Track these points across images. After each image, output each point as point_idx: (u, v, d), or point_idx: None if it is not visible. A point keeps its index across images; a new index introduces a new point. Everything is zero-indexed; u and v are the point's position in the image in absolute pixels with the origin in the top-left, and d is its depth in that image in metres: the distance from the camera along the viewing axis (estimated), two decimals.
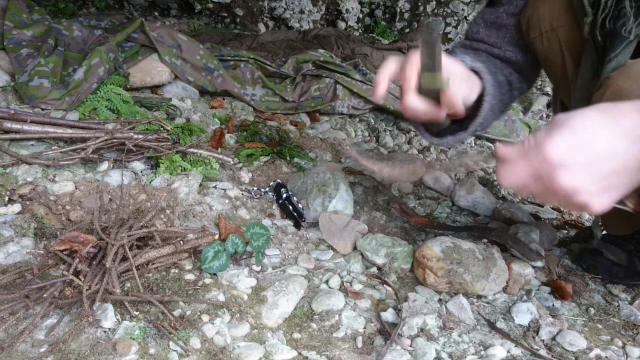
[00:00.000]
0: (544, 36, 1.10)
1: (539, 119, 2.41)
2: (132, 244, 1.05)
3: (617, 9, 0.94)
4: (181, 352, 0.88)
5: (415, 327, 1.02)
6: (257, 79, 2.11)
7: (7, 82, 1.63)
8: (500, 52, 1.16)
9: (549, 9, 1.07)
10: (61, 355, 0.83)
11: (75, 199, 1.22)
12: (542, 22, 1.09)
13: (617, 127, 0.65)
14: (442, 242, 1.17)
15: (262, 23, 3.29)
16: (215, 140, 1.64)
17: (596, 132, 0.65)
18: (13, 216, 1.12)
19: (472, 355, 0.98)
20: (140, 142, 1.38)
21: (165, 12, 3.19)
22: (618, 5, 0.94)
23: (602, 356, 1.01)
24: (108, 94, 1.67)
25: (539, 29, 1.10)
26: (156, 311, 0.96)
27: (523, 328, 1.07)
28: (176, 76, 1.97)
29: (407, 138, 2.08)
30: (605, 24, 0.95)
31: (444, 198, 1.63)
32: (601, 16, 0.96)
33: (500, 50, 1.16)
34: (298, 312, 1.04)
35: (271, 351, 0.91)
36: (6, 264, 1.02)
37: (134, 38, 1.94)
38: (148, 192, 1.29)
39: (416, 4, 3.65)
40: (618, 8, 0.94)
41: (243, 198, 1.41)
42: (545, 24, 1.08)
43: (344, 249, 1.26)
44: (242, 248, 1.14)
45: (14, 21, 1.81)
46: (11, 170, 1.26)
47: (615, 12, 0.94)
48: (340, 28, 3.44)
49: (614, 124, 0.65)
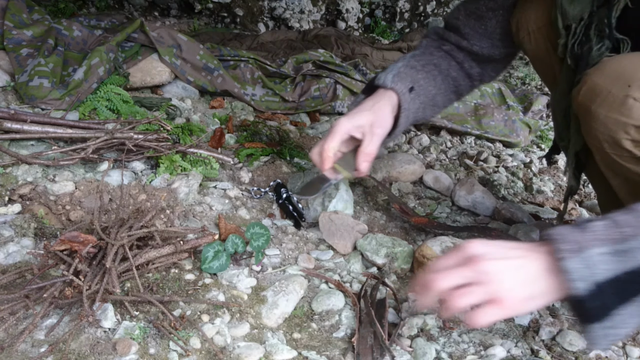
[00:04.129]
0: (532, 36, 1.14)
1: (539, 119, 2.41)
2: (132, 244, 1.05)
3: (585, 35, 1.00)
4: (181, 352, 0.88)
5: (415, 327, 1.02)
6: (257, 79, 2.11)
7: (7, 82, 1.63)
8: (468, 45, 1.26)
9: (535, 10, 1.12)
10: (61, 355, 0.83)
11: (75, 199, 1.22)
12: (529, 22, 1.14)
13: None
14: (442, 242, 1.17)
15: (262, 23, 3.29)
16: (215, 140, 1.64)
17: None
18: (13, 216, 1.13)
19: (472, 355, 0.98)
20: (140, 142, 1.38)
21: (165, 12, 3.19)
22: (587, 31, 0.99)
23: (602, 356, 1.01)
24: (108, 94, 1.67)
25: (526, 29, 1.15)
26: (156, 311, 0.96)
27: (523, 328, 1.07)
28: (176, 76, 1.97)
29: (407, 138, 2.08)
30: (575, 48, 1.01)
31: (444, 198, 1.63)
32: (572, 41, 1.02)
33: (469, 44, 1.26)
34: (298, 312, 1.04)
35: (271, 351, 0.92)
36: (6, 264, 1.02)
37: (134, 38, 1.94)
38: (148, 192, 1.29)
39: (416, 4, 3.65)
40: (586, 34, 1.00)
41: (243, 198, 1.41)
42: (532, 23, 1.13)
43: (344, 249, 1.26)
44: (242, 248, 1.14)
45: (14, 21, 1.81)
46: (11, 170, 1.26)
47: (583, 38, 1.00)
48: (340, 28, 3.44)
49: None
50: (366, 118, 1.16)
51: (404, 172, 1.66)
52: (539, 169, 2.03)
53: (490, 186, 1.76)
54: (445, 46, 1.29)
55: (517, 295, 0.73)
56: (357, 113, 1.17)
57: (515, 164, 2.02)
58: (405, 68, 1.23)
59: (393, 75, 1.19)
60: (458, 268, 0.76)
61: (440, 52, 1.29)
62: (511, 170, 1.96)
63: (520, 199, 1.75)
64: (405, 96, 1.19)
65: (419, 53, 1.30)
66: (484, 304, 0.74)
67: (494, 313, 0.73)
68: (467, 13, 1.24)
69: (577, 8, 1.00)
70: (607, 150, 0.94)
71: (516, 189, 1.81)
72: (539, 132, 2.39)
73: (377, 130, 1.16)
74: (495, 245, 0.77)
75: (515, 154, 2.13)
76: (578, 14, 1.00)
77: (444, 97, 1.32)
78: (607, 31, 0.97)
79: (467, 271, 0.75)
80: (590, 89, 0.92)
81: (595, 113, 0.91)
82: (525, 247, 0.77)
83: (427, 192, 1.66)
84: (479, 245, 0.76)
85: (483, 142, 2.20)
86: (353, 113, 1.18)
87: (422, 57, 1.28)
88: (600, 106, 0.90)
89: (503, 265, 0.74)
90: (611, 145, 0.93)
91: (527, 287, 0.74)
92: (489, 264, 0.74)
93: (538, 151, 2.24)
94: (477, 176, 1.84)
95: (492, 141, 2.20)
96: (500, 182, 1.80)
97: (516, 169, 1.97)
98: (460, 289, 0.75)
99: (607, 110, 0.90)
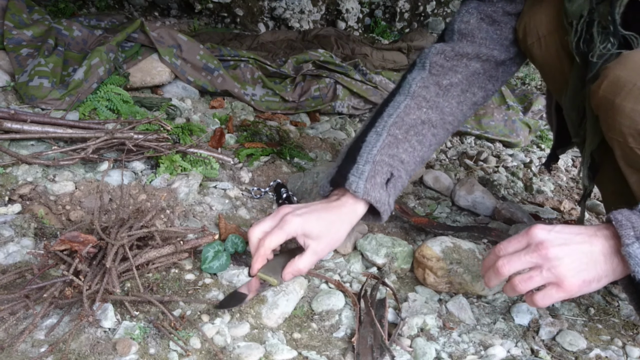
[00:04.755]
0: (542, 41, 1.12)
1: (539, 119, 2.41)
2: (132, 244, 1.05)
3: (588, 33, 0.99)
4: (181, 352, 0.88)
5: (415, 327, 1.02)
6: (257, 79, 2.11)
7: (7, 82, 1.63)
8: (488, 51, 1.15)
9: (545, 14, 1.09)
10: (61, 355, 0.83)
11: (75, 199, 1.22)
12: (539, 27, 1.11)
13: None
14: (442, 242, 1.17)
15: (262, 23, 3.29)
16: (215, 140, 1.64)
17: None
18: (13, 216, 1.13)
19: (472, 355, 0.98)
20: (140, 142, 1.38)
21: (165, 12, 3.19)
22: (589, 29, 0.99)
23: (602, 356, 1.01)
24: (108, 94, 1.67)
25: (536, 34, 1.12)
26: (156, 311, 0.96)
27: (523, 328, 1.07)
28: (176, 76, 1.97)
29: None
30: (580, 45, 1.01)
31: (444, 198, 1.63)
32: (574, 38, 1.01)
33: (487, 49, 1.15)
34: (298, 312, 1.04)
35: (271, 351, 0.91)
36: (6, 264, 1.02)
37: (134, 38, 1.94)
38: (148, 192, 1.29)
39: (416, 4, 3.65)
40: (589, 32, 0.99)
41: (243, 198, 1.41)
42: (543, 28, 1.10)
43: (344, 249, 1.26)
44: (242, 248, 1.14)
45: (14, 21, 1.81)
46: (11, 170, 1.26)
47: (587, 36, 0.99)
48: (340, 28, 3.44)
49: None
50: (319, 229, 1.02)
51: None
52: (538, 169, 2.03)
53: (490, 186, 1.76)
54: (445, 80, 1.15)
55: (578, 279, 0.80)
56: (313, 215, 1.03)
57: (515, 164, 2.02)
58: (382, 152, 1.07)
59: (367, 178, 1.04)
60: (524, 253, 0.83)
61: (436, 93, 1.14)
62: (511, 170, 1.96)
63: (520, 199, 1.75)
64: (383, 199, 1.06)
65: (402, 110, 1.12)
66: (546, 286, 0.82)
67: (554, 295, 0.82)
68: (481, 17, 1.14)
69: (575, 5, 1.00)
70: (632, 144, 0.93)
71: (516, 189, 1.81)
72: (539, 132, 2.39)
73: (321, 251, 1.04)
74: (559, 230, 0.83)
75: (515, 154, 2.13)
76: (577, 10, 0.99)
77: (437, 146, 1.19)
78: (611, 28, 0.95)
79: (532, 257, 0.82)
80: (613, 83, 0.91)
81: (620, 106, 0.90)
82: (587, 231, 0.83)
83: (427, 192, 1.66)
84: (544, 231, 0.83)
85: (483, 142, 2.20)
86: (309, 212, 1.03)
87: (407, 117, 1.11)
88: (625, 99, 0.89)
89: (566, 250, 0.81)
90: (636, 139, 0.91)
91: (588, 271, 0.80)
92: (554, 250, 0.80)
93: (538, 151, 2.24)
94: (477, 176, 1.84)
95: (492, 141, 2.20)
96: (500, 182, 1.80)
97: (516, 169, 1.97)
98: (526, 274, 0.83)
99: (633, 103, 0.88)
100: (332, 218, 1.04)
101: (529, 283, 0.83)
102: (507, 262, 0.84)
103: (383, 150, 1.07)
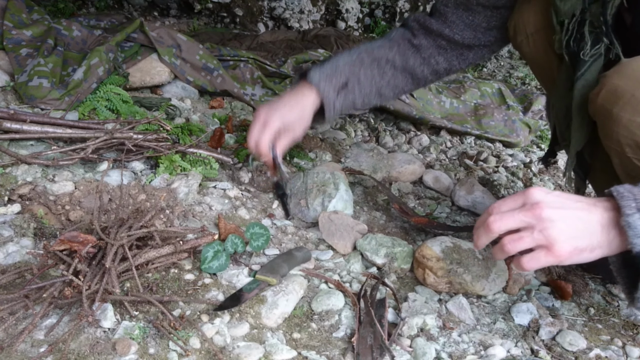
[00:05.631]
0: (530, 39, 1.14)
1: (539, 119, 2.41)
2: (132, 244, 1.05)
3: (579, 32, 0.99)
4: (181, 352, 0.88)
5: (415, 327, 1.02)
6: (256, 79, 2.11)
7: (7, 82, 1.63)
8: (450, 34, 1.28)
9: (533, 13, 1.11)
10: (61, 355, 0.83)
11: (75, 199, 1.22)
12: (527, 25, 1.13)
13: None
14: (442, 242, 1.17)
15: (262, 23, 3.29)
16: (215, 140, 1.63)
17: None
18: (13, 216, 1.12)
19: (472, 355, 0.98)
20: (139, 142, 1.38)
21: (164, 12, 3.19)
22: (580, 29, 0.99)
23: (602, 356, 1.01)
24: (107, 93, 1.67)
25: (524, 32, 1.14)
26: (156, 311, 0.96)
27: (523, 328, 1.07)
28: (176, 76, 1.97)
29: (407, 138, 2.08)
30: (570, 45, 1.00)
31: (443, 198, 1.63)
32: (565, 37, 1.01)
33: (451, 32, 1.28)
34: (298, 312, 1.04)
35: (271, 351, 0.91)
36: (6, 264, 1.01)
37: (133, 38, 1.94)
38: (148, 192, 1.29)
39: (416, 4, 3.65)
40: (580, 31, 0.99)
41: (243, 198, 1.41)
42: (530, 26, 1.13)
43: (344, 249, 1.26)
44: (241, 248, 1.14)
45: (13, 21, 1.81)
46: (11, 170, 1.26)
47: (577, 35, 0.99)
48: (340, 28, 3.43)
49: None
50: (294, 116, 1.25)
51: (404, 172, 1.66)
52: (538, 169, 2.03)
53: (490, 186, 1.76)
54: (415, 40, 1.32)
55: (570, 244, 0.75)
56: (286, 107, 1.25)
57: (515, 164, 2.02)
58: (346, 64, 1.29)
59: (326, 75, 1.26)
60: (518, 212, 0.78)
61: (406, 46, 1.33)
62: (511, 170, 1.96)
63: None
64: (330, 95, 1.26)
65: (377, 45, 1.34)
66: (535, 249, 0.77)
67: (542, 259, 0.77)
68: (457, 3, 1.26)
69: (568, 4, 0.99)
70: (629, 154, 0.92)
71: (516, 189, 1.81)
72: (539, 132, 2.39)
73: (298, 130, 1.27)
74: (558, 195, 0.79)
75: (515, 154, 2.13)
76: (569, 10, 0.99)
77: (394, 89, 1.37)
78: (603, 29, 0.95)
79: (526, 216, 0.77)
80: (611, 92, 0.90)
81: (618, 116, 0.89)
82: (586, 200, 0.79)
83: (427, 192, 1.66)
84: (542, 192, 0.78)
85: (483, 142, 2.20)
86: (282, 106, 1.25)
87: (378, 51, 1.32)
88: (622, 109, 0.88)
89: (562, 213, 0.76)
90: (634, 150, 0.91)
91: (582, 238, 0.76)
92: (548, 211, 0.76)
93: (538, 151, 2.24)
94: (477, 176, 1.84)
95: (492, 141, 2.20)
96: (500, 182, 1.80)
97: (516, 169, 1.97)
98: (517, 234, 0.78)
99: (630, 113, 0.88)
100: (300, 104, 1.26)
101: (519, 243, 0.78)
102: (499, 218, 0.79)
103: (347, 65, 1.30)
